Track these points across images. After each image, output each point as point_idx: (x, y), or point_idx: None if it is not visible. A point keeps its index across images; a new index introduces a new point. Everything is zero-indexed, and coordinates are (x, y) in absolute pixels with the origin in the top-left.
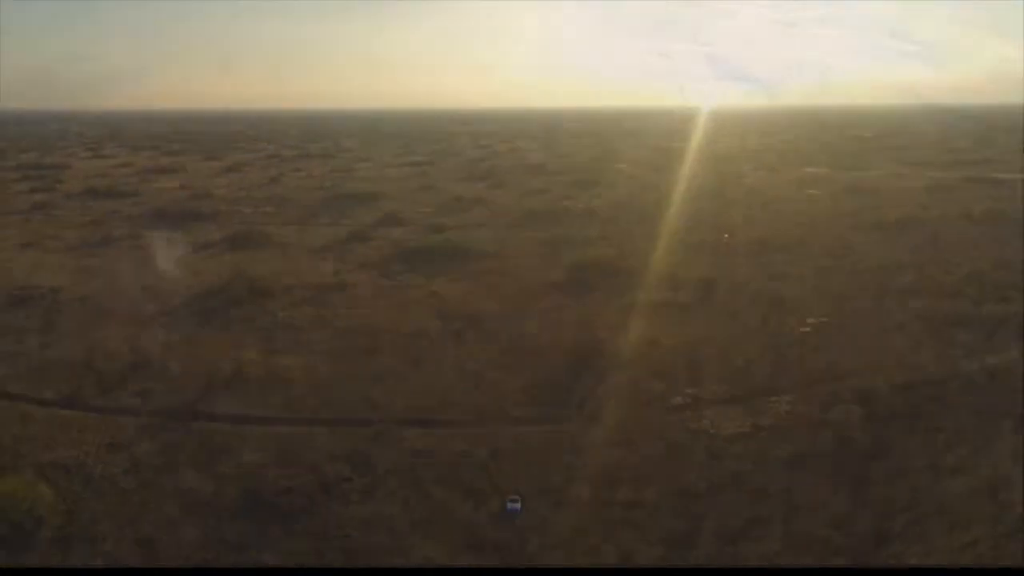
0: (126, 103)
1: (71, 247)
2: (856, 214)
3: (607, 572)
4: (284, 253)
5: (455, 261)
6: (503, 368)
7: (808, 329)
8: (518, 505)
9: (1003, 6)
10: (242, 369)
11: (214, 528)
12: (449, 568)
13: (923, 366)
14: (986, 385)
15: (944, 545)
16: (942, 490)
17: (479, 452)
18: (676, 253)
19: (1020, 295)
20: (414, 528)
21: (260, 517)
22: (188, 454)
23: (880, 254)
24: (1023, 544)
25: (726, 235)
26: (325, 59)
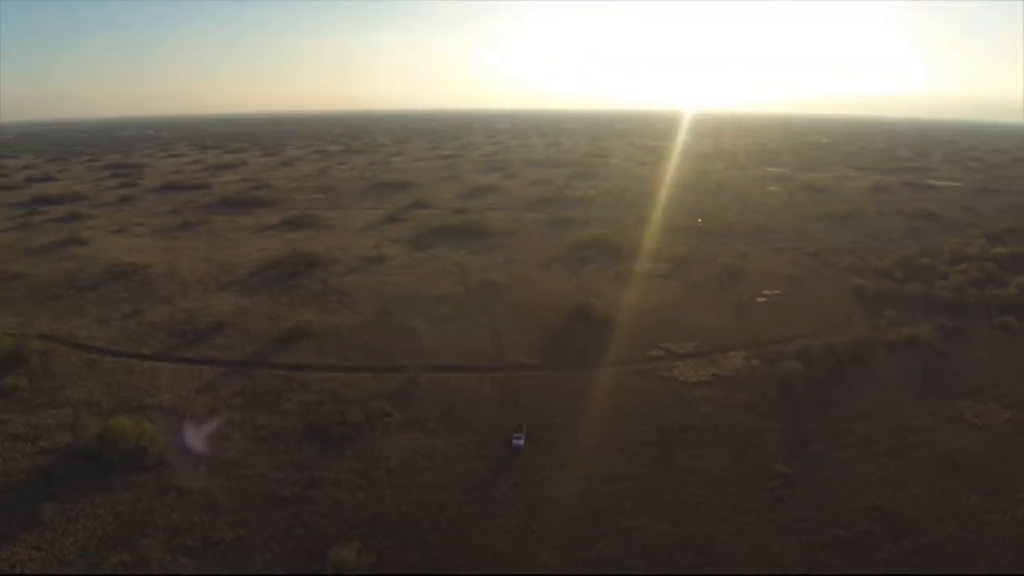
0: (189, 108)
1: (155, 231)
2: (809, 207)
3: None
4: (332, 232)
5: (475, 237)
6: (515, 325)
7: (763, 299)
8: (522, 441)
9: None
10: (301, 327)
11: (282, 452)
12: None
13: (854, 332)
14: (902, 349)
15: (837, 462)
16: (856, 429)
17: (496, 393)
18: (657, 234)
19: (937, 278)
20: (443, 453)
21: (319, 444)
22: (259, 395)
23: (827, 240)
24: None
25: (699, 220)
26: (360, 67)
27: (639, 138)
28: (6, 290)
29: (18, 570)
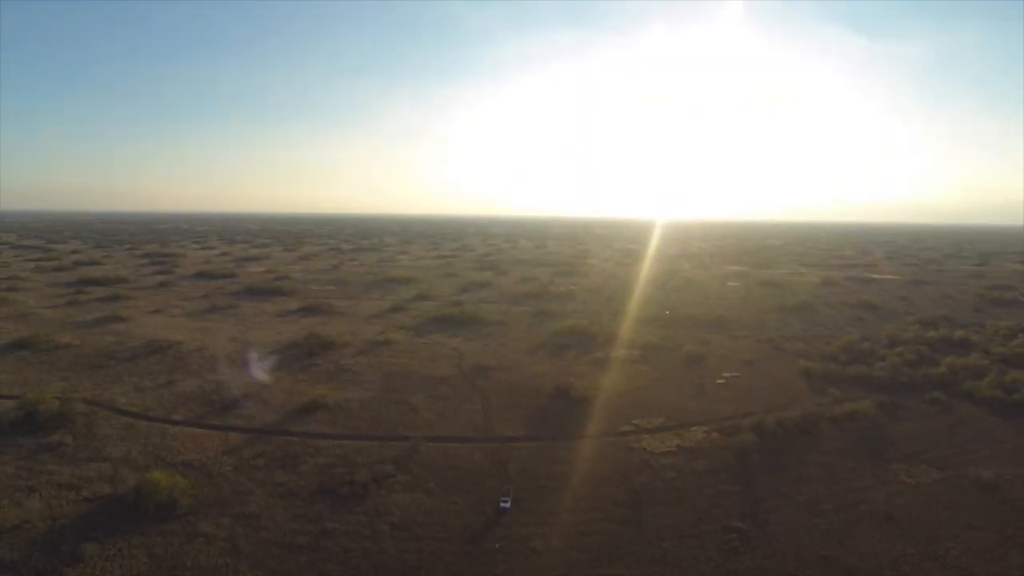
0: (220, 206)
1: (188, 313)
2: (765, 300)
3: None
4: (344, 319)
5: (469, 326)
6: (503, 403)
7: (722, 381)
8: (509, 503)
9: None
10: (316, 400)
11: (298, 507)
12: None
13: (803, 408)
14: (845, 422)
15: (787, 519)
16: (804, 490)
17: (487, 461)
18: (631, 324)
19: (877, 360)
20: (440, 510)
21: (331, 500)
22: (278, 458)
23: (780, 329)
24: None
25: (667, 312)
26: (371, 175)
27: (617, 242)
28: (55, 359)
29: None
